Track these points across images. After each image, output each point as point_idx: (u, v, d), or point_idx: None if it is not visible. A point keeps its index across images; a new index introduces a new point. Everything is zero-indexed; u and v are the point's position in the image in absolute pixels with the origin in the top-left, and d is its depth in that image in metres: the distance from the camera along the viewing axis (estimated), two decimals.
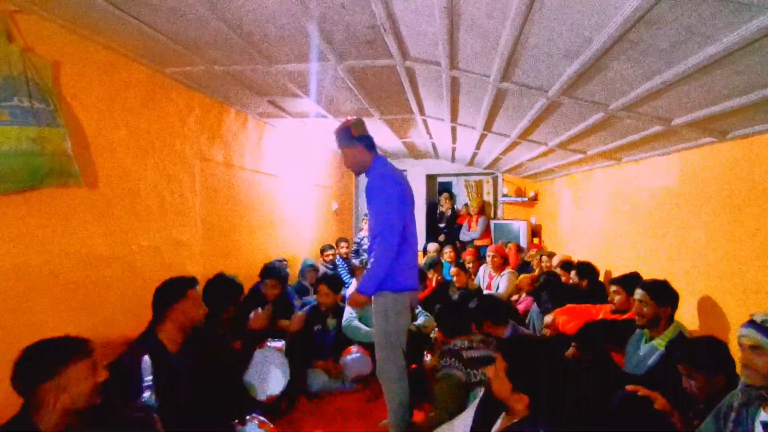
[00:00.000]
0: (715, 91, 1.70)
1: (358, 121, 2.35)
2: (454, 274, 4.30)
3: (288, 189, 4.54)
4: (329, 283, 3.26)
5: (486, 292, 4.33)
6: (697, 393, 1.70)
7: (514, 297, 4.18)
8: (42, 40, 1.84)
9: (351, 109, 3.38)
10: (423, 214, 6.89)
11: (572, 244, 4.85)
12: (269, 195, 4.12)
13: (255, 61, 2.34)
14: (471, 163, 6.05)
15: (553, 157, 4.05)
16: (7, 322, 1.69)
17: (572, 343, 2.55)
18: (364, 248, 5.37)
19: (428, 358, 2.95)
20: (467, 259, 5.00)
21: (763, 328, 1.34)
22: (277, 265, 3.44)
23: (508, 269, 4.42)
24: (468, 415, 1.82)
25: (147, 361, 1.69)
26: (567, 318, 2.89)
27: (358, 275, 3.81)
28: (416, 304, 3.28)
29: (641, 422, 1.74)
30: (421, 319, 3.36)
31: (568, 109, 2.36)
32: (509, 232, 6.16)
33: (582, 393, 1.44)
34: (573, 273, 3.63)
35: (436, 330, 3.35)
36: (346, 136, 2.33)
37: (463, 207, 6.95)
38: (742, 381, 1.42)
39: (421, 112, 3.43)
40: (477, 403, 1.81)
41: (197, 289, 2.00)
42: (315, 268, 4.40)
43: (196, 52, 2.22)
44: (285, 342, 2.69)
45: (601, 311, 2.87)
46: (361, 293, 2.25)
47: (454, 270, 4.35)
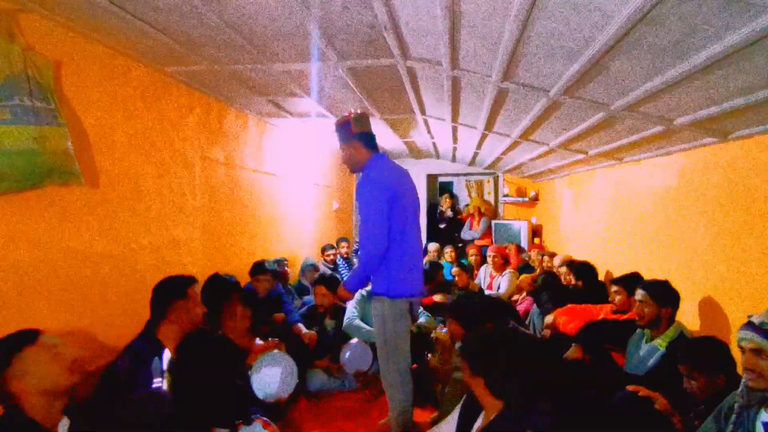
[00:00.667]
0: (718, 92, 1.70)
1: (358, 117, 2.24)
2: (455, 274, 4.29)
3: (288, 188, 4.54)
4: (327, 284, 3.25)
5: (487, 292, 4.33)
6: (698, 393, 1.70)
7: (515, 297, 4.18)
8: (43, 40, 1.84)
9: (352, 108, 3.38)
10: (424, 215, 6.89)
11: (573, 244, 4.85)
12: (270, 194, 4.12)
13: (256, 61, 2.33)
14: (472, 163, 6.04)
15: (554, 157, 4.05)
16: (6, 320, 1.69)
17: (573, 344, 2.55)
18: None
19: (429, 357, 2.94)
20: (471, 252, 5.03)
21: (762, 330, 1.32)
22: (265, 261, 3.41)
23: (509, 269, 4.42)
24: (457, 415, 1.83)
25: (157, 362, 1.67)
26: (567, 318, 2.89)
27: None
28: (417, 309, 3.27)
29: (642, 422, 1.74)
30: (422, 319, 3.35)
31: (570, 109, 2.36)
32: (510, 232, 6.15)
33: (537, 371, 1.49)
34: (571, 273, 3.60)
35: (436, 330, 3.35)
36: (345, 132, 2.24)
37: (465, 207, 6.97)
38: (744, 382, 1.41)
39: (422, 111, 3.43)
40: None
41: (196, 288, 1.99)
42: (315, 268, 4.41)
43: (196, 51, 2.22)
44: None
45: (602, 311, 2.87)
46: (345, 289, 2.32)
47: (455, 270, 4.35)
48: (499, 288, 4.29)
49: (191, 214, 2.95)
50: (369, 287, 2.39)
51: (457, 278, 4.24)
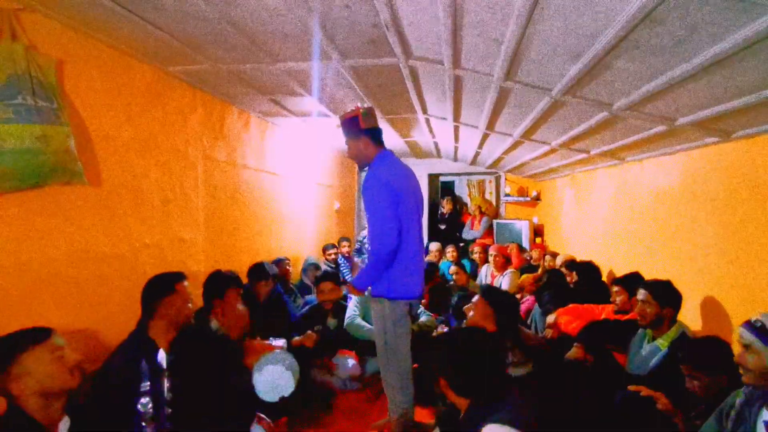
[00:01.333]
0: (720, 91, 1.69)
1: (367, 112, 2.19)
2: (453, 273, 4.29)
3: (290, 188, 4.54)
4: (333, 279, 3.25)
5: None
6: (700, 393, 1.70)
7: (517, 297, 4.17)
8: (46, 39, 1.85)
9: (358, 103, 3.37)
10: (426, 214, 6.89)
11: (575, 244, 4.84)
12: (271, 193, 4.12)
13: (258, 60, 2.34)
14: (473, 162, 6.04)
15: (556, 157, 4.04)
16: (10, 320, 1.70)
17: (574, 344, 2.54)
18: (367, 247, 5.37)
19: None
20: (475, 250, 5.04)
21: (754, 327, 1.40)
22: (263, 263, 3.39)
23: (510, 269, 4.42)
24: None
25: (144, 366, 1.66)
26: (569, 318, 2.89)
27: (355, 270, 3.81)
28: (417, 309, 3.27)
29: (644, 422, 1.74)
30: (423, 318, 3.35)
31: (572, 109, 2.35)
32: (511, 232, 6.15)
33: (493, 364, 1.50)
34: (573, 274, 3.57)
35: (437, 329, 3.35)
36: (353, 128, 2.19)
37: (465, 206, 6.98)
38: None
39: (424, 111, 3.42)
40: None
41: (185, 283, 1.98)
42: (317, 267, 4.41)
43: (199, 50, 2.22)
44: (285, 341, 2.69)
45: (604, 311, 2.86)
46: (354, 286, 2.25)
47: (453, 269, 4.34)
48: (500, 287, 4.29)
49: (193, 214, 2.95)
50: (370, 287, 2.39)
51: (455, 277, 4.23)
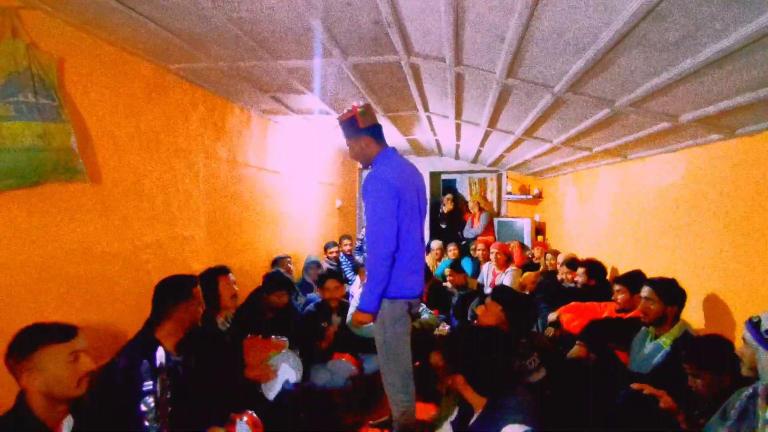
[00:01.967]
0: (724, 88, 1.68)
1: (364, 110, 2.14)
2: (447, 275, 4.19)
3: (292, 186, 4.54)
4: (337, 278, 3.25)
5: (488, 290, 4.32)
6: (703, 392, 1.69)
7: None
8: (47, 36, 1.84)
9: (354, 102, 3.36)
10: (428, 212, 6.88)
11: (577, 242, 4.83)
12: (273, 192, 4.12)
13: (259, 57, 2.33)
14: (475, 160, 6.03)
15: (558, 155, 4.03)
16: (12, 318, 1.70)
17: (576, 342, 2.54)
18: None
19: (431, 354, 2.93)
20: (478, 247, 5.04)
21: (751, 324, 1.43)
22: (282, 273, 3.36)
23: (512, 266, 4.41)
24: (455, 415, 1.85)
25: (146, 365, 1.66)
26: (571, 316, 2.88)
27: (361, 273, 3.79)
28: (416, 310, 3.25)
29: (646, 421, 1.73)
30: (424, 316, 3.35)
31: (574, 106, 2.34)
32: (513, 230, 6.14)
33: (509, 362, 1.53)
34: (581, 270, 3.47)
35: (439, 327, 3.35)
36: (352, 128, 2.15)
37: (466, 203, 6.97)
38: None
39: (425, 108, 3.42)
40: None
41: (199, 287, 1.98)
42: (318, 265, 4.41)
43: (200, 48, 2.21)
44: (288, 338, 2.69)
45: (606, 309, 2.86)
46: (361, 311, 2.09)
47: (447, 271, 4.24)
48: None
49: (195, 212, 2.95)
50: None
51: (450, 279, 4.14)
